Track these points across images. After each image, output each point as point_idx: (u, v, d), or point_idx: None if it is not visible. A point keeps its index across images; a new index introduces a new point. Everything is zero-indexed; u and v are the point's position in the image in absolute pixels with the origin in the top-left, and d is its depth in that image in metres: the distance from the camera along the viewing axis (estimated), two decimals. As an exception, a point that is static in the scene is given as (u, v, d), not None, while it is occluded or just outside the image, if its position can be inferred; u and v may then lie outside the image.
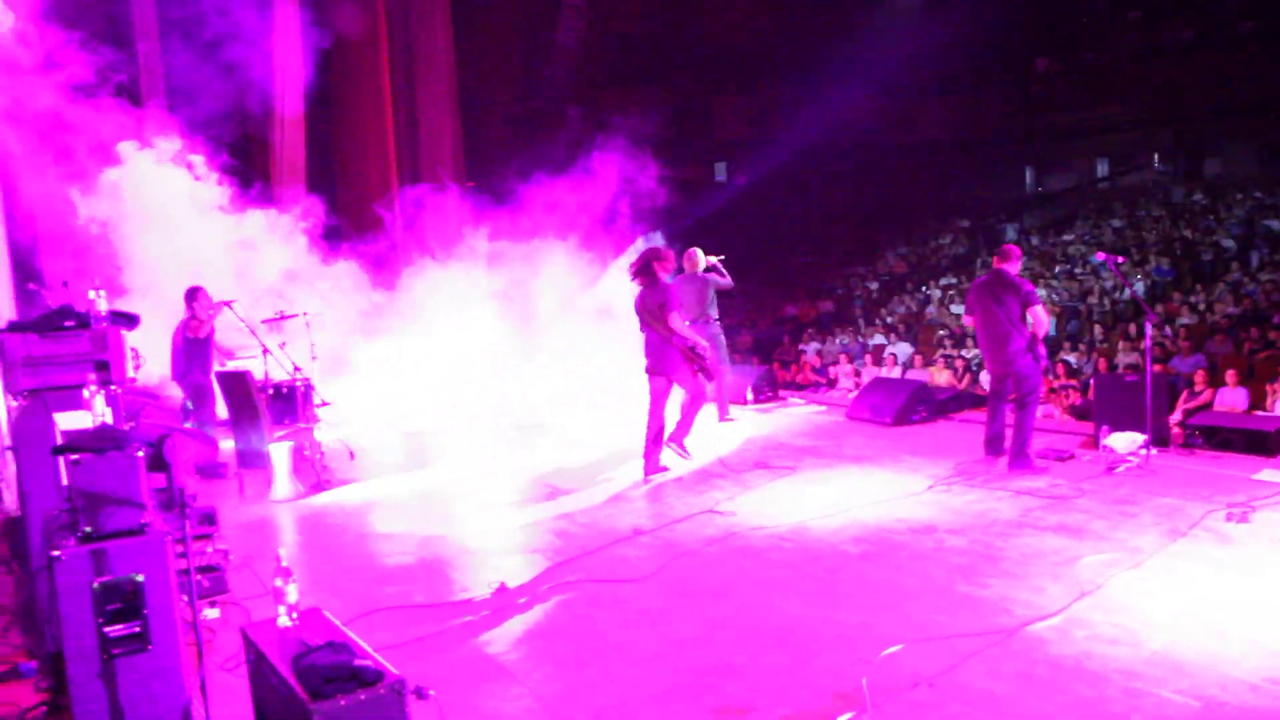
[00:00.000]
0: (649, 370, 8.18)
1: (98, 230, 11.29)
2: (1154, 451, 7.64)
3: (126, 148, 11.41)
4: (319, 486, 8.32)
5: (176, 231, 11.50)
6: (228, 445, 9.07)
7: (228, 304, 8.89)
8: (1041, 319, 7.70)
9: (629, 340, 10.18)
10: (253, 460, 8.59)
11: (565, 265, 12.95)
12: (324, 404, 9.16)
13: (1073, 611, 4.70)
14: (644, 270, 8.12)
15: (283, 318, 9.63)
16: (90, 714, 3.56)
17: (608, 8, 24.90)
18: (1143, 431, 7.74)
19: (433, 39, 19.74)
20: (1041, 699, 3.85)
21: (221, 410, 9.29)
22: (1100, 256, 8.35)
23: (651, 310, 8.01)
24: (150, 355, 8.81)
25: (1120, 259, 8.19)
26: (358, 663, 2.78)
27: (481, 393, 13.38)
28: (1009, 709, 3.79)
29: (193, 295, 8.93)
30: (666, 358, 8.01)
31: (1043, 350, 7.76)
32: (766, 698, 4.02)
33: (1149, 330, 7.87)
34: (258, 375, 9.00)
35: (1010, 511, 6.53)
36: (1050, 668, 4.12)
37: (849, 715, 3.79)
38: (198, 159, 11.97)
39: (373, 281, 13.79)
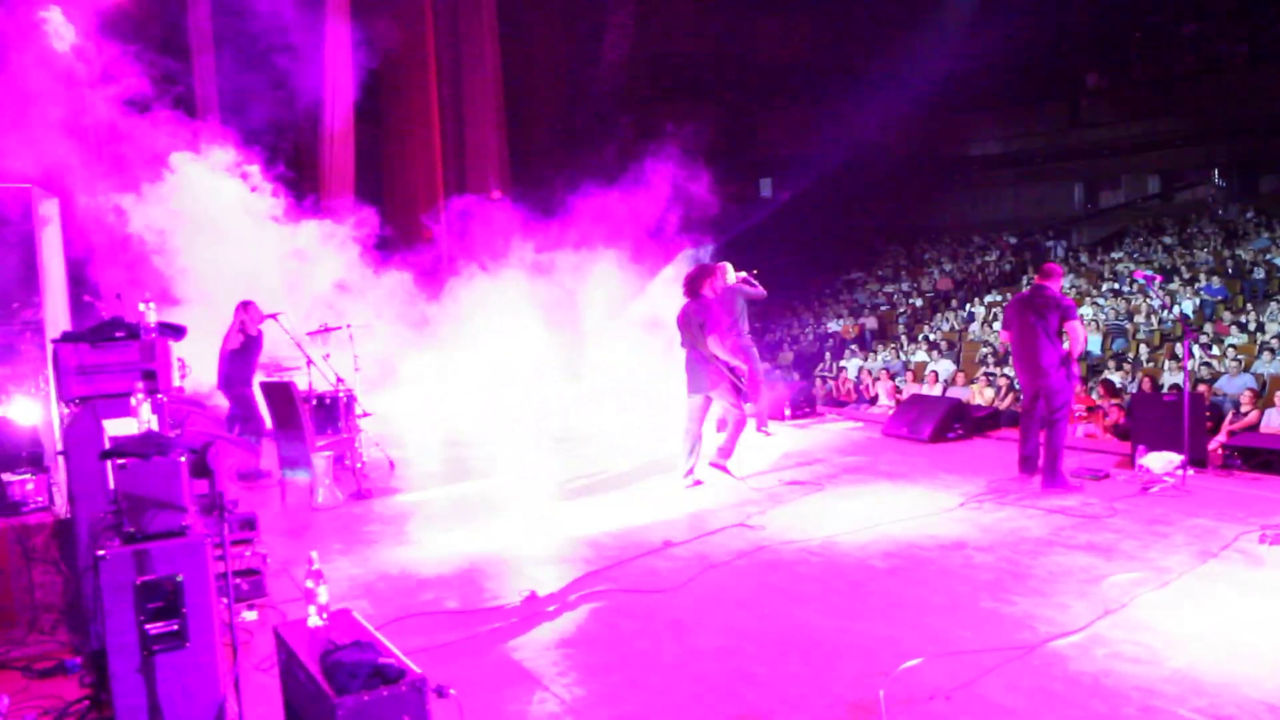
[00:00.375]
0: (689, 388, 8.28)
1: (153, 240, 11.61)
2: (1191, 472, 7.59)
3: (181, 158, 11.72)
4: (359, 495, 8.51)
5: (228, 241, 11.78)
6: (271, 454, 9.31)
7: (274, 316, 9.12)
8: (1078, 334, 7.68)
9: (672, 352, 10.33)
10: (295, 469, 8.80)
11: (611, 276, 13.10)
12: (366, 415, 9.36)
13: (1095, 629, 4.71)
14: (692, 285, 8.27)
15: (326, 330, 9.86)
16: (130, 708, 3.72)
17: (655, 25, 25.13)
18: (1180, 452, 7.69)
19: (480, 54, 20.10)
20: (1056, 714, 3.89)
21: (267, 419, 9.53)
22: (1139, 275, 8.33)
23: (693, 327, 8.12)
24: (198, 365, 9.10)
25: (1159, 278, 8.16)
26: (381, 660, 2.90)
27: (524, 402, 13.56)
28: (1023, 722, 3.83)
29: (244, 307, 9.19)
30: (705, 377, 8.11)
31: (1076, 368, 7.75)
32: (784, 706, 4.09)
33: (1186, 349, 7.82)
34: (301, 386, 9.22)
35: (1040, 530, 6.53)
36: (1068, 684, 4.14)
37: (864, 725, 3.85)
38: (252, 169, 12.26)
39: (420, 292, 14.04)
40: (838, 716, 3.96)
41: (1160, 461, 7.70)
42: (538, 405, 14.03)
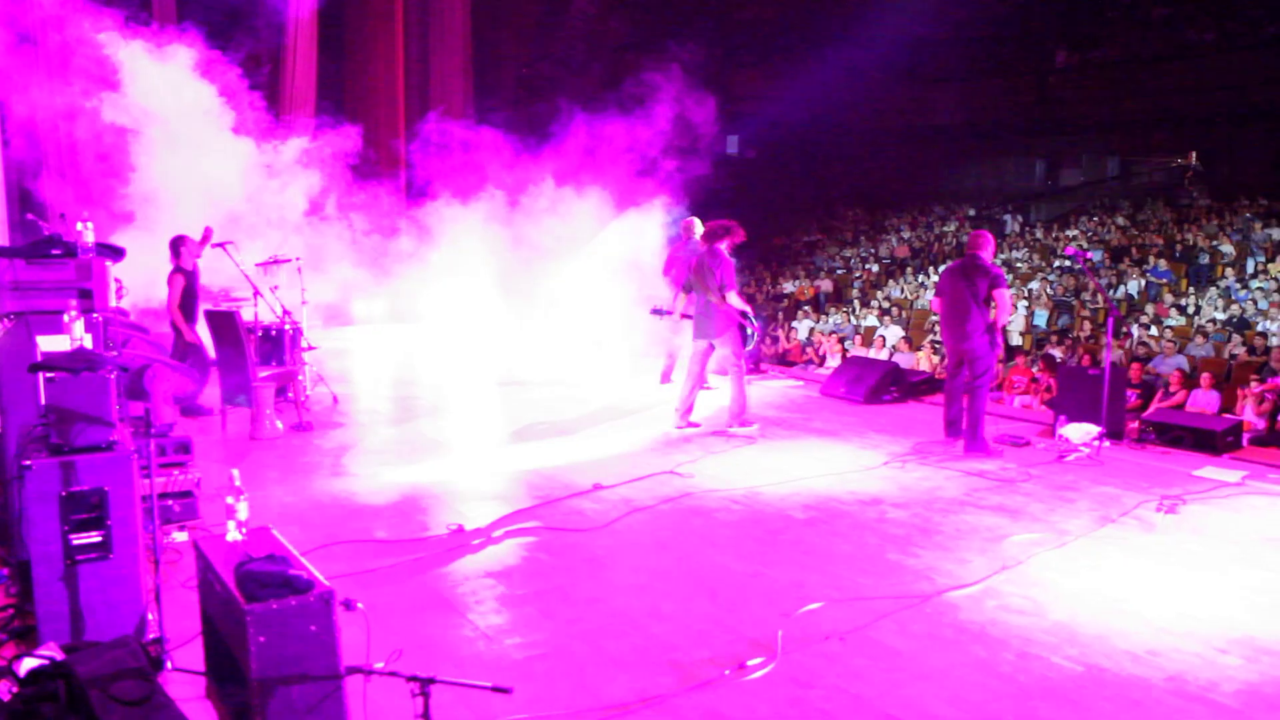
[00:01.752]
0: (694, 334, 8.67)
1: (105, 145, 11.17)
2: (1107, 443, 7.89)
3: (132, 53, 11.03)
4: (300, 428, 8.61)
5: (185, 151, 11.30)
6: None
7: (224, 245, 9.12)
8: (1005, 302, 7.93)
9: (628, 299, 10.54)
10: (236, 399, 8.86)
11: (573, 220, 13.13)
12: (311, 348, 9.43)
13: (990, 583, 4.97)
14: (711, 236, 8.54)
15: (275, 261, 9.88)
16: (52, 615, 3.85)
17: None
18: (1099, 424, 7.98)
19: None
20: (940, 656, 4.13)
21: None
22: (1069, 251, 8.57)
23: (705, 276, 8.39)
24: (157, 286, 9.07)
25: (1089, 254, 8.41)
26: (292, 572, 3.05)
27: (476, 343, 13.66)
28: (908, 663, 4.07)
29: (179, 243, 9.06)
30: (712, 324, 8.43)
31: (999, 337, 7.99)
32: (687, 640, 4.30)
33: (1111, 327, 8.09)
34: (247, 317, 9.26)
35: (956, 490, 6.79)
36: (956, 631, 4.39)
37: (759, 660, 4.07)
38: (208, 79, 11.69)
39: (378, 223, 13.96)
40: (738, 652, 4.17)
41: (1078, 432, 7.99)
42: (489, 347, 14.16)
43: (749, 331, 8.51)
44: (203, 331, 9.02)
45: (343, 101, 18.53)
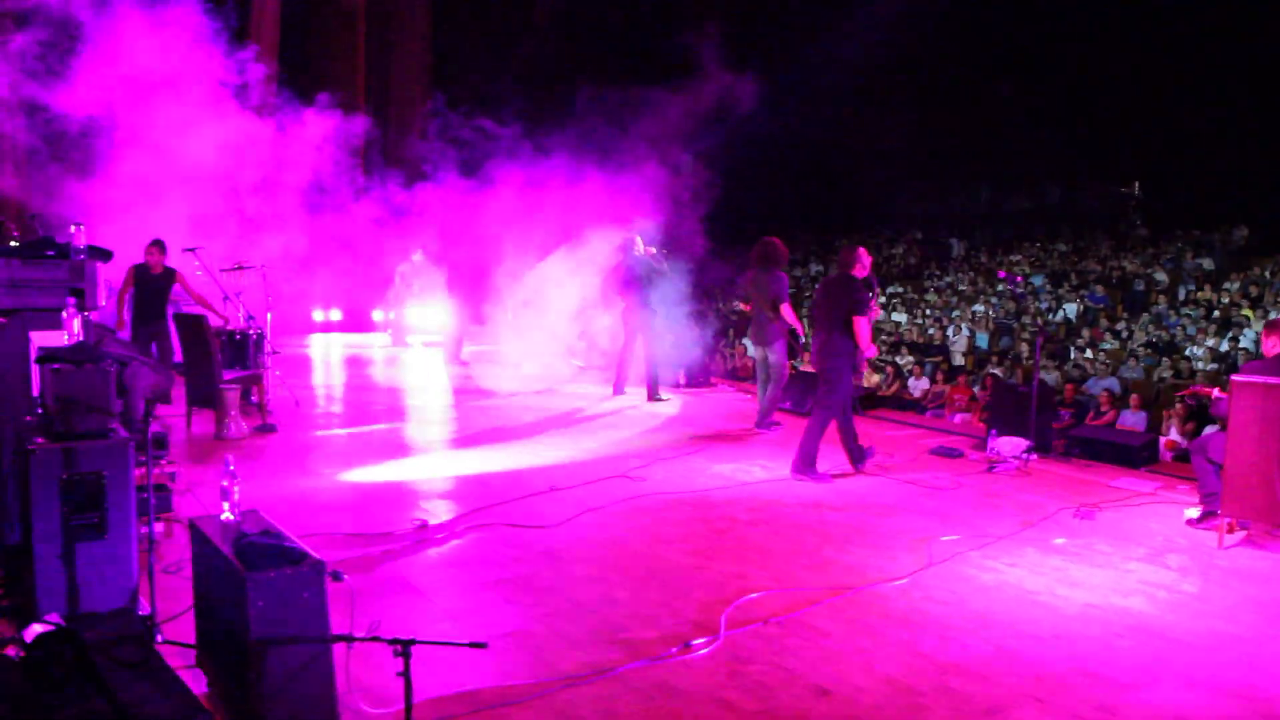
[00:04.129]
0: (753, 341, 9.70)
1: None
2: (1034, 457, 8.40)
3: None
4: (263, 430, 8.88)
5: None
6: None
7: (191, 250, 9.39)
8: (863, 331, 7.64)
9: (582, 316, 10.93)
10: (202, 399, 9.11)
11: (526, 242, 13.49)
12: (275, 353, 9.69)
13: (916, 578, 5.40)
14: (763, 259, 9.44)
15: (241, 268, 10.14)
16: (51, 590, 4.13)
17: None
18: (1028, 438, 8.50)
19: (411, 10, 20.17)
20: (866, 639, 4.55)
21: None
22: (1002, 274, 9.10)
23: (762, 292, 9.29)
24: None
25: (1020, 278, 8.94)
26: (287, 545, 3.39)
27: (436, 354, 13.95)
28: (836, 644, 4.48)
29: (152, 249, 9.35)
30: (767, 333, 9.40)
31: (862, 364, 8.46)
32: (638, 622, 4.68)
33: (1039, 347, 8.62)
34: (214, 321, 9.52)
35: (891, 496, 7.25)
36: (881, 617, 4.82)
37: (704, 639, 4.46)
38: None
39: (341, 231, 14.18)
40: (683, 632, 4.55)
41: (1008, 444, 8.50)
42: (448, 358, 14.49)
43: (796, 345, 9.25)
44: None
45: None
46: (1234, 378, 6.15)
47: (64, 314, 4.65)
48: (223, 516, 3.76)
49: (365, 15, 18.85)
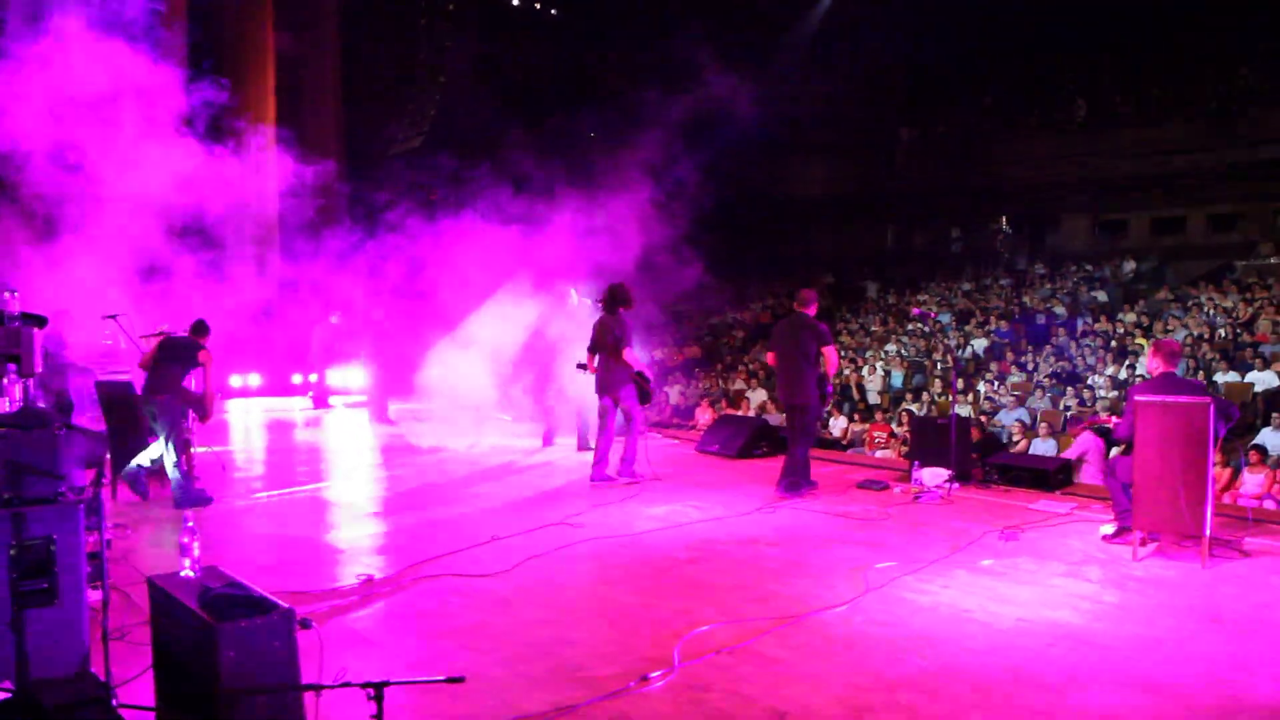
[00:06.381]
0: (597, 390, 9.32)
1: None
2: (956, 485, 8.73)
3: None
4: (191, 494, 8.74)
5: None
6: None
7: (113, 317, 9.27)
8: (832, 358, 8.64)
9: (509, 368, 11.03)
10: (128, 467, 8.94)
11: (447, 297, 13.55)
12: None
13: (857, 604, 5.61)
14: (610, 302, 9.28)
15: (166, 334, 10.00)
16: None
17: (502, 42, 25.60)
18: (949, 468, 8.84)
19: (322, 70, 20.17)
20: (816, 663, 4.72)
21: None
22: (916, 311, 9.51)
23: (609, 338, 9.09)
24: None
25: (933, 314, 9.34)
26: (256, 595, 3.44)
27: (359, 411, 13.86)
28: (788, 669, 4.64)
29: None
30: (614, 382, 9.16)
31: (830, 388, 8.77)
32: (595, 660, 4.78)
33: (954, 380, 9.00)
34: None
35: (824, 529, 7.48)
36: (827, 641, 5.00)
37: (660, 672, 4.58)
38: None
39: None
40: (640, 666, 4.66)
41: (931, 475, 8.83)
42: (374, 417, 14.42)
43: (646, 388, 9.19)
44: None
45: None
46: (1135, 398, 6.55)
47: (4, 381, 4.62)
48: (183, 573, 3.78)
49: (275, 66, 18.73)
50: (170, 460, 8.24)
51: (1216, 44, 26.01)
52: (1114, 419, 7.31)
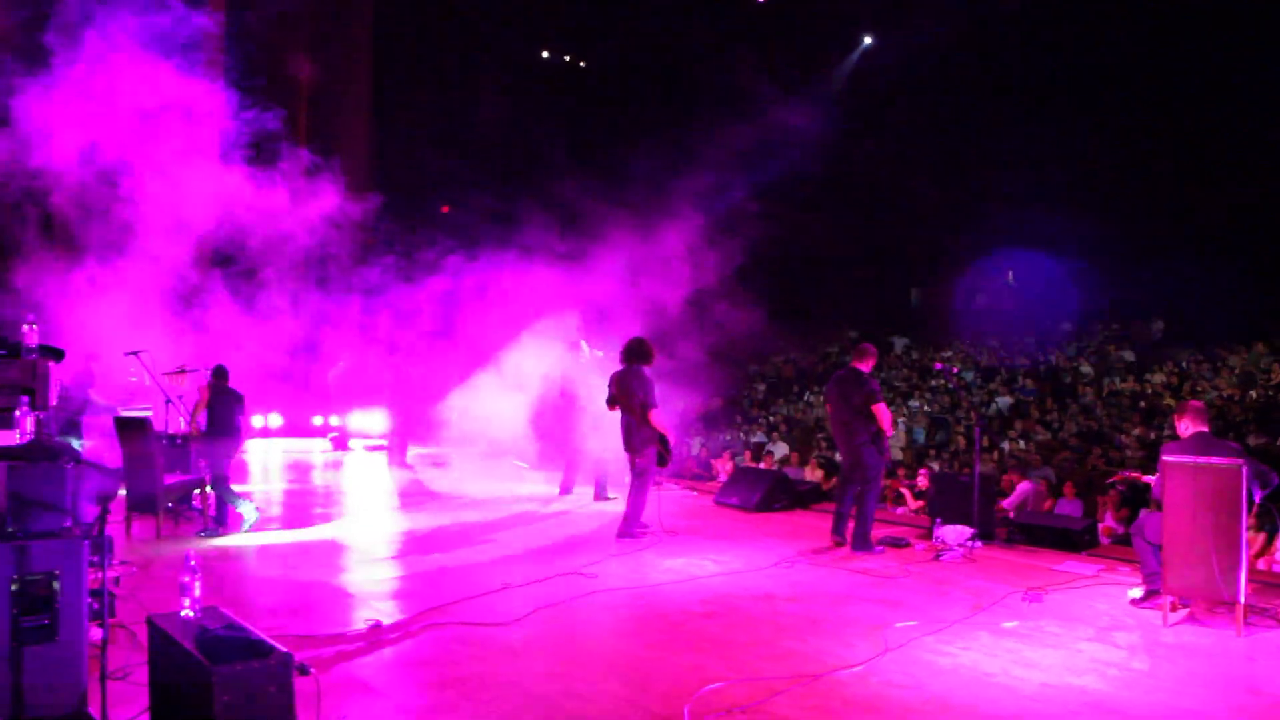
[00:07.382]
0: (624, 446, 9.13)
1: None
2: (979, 543, 8.54)
3: None
4: (206, 533, 8.70)
5: None
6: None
7: (135, 354, 9.30)
8: (883, 415, 8.53)
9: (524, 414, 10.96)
10: (142, 504, 8.91)
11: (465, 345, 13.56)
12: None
13: (874, 664, 5.44)
14: (631, 357, 9.11)
15: (184, 372, 10.05)
16: (-6, 696, 4.00)
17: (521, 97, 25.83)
18: (972, 525, 8.66)
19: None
20: (831, 724, 4.57)
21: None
22: (938, 366, 9.40)
23: (629, 393, 8.94)
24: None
25: (955, 369, 9.23)
26: (253, 638, 3.35)
27: (378, 454, 13.81)
28: (802, 731, 4.49)
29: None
30: (636, 437, 8.97)
31: (886, 443, 8.65)
32: (601, 715, 4.64)
33: (978, 436, 8.86)
34: (156, 424, 9.39)
35: (842, 586, 7.31)
36: (844, 702, 4.84)
37: (668, 730, 4.44)
38: None
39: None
40: (647, 724, 4.53)
41: (953, 533, 8.65)
42: (392, 461, 14.39)
43: (667, 453, 9.01)
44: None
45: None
46: (1164, 459, 6.39)
47: (16, 413, 4.59)
48: (183, 613, 3.70)
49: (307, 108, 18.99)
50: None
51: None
52: (1147, 477, 7.15)
